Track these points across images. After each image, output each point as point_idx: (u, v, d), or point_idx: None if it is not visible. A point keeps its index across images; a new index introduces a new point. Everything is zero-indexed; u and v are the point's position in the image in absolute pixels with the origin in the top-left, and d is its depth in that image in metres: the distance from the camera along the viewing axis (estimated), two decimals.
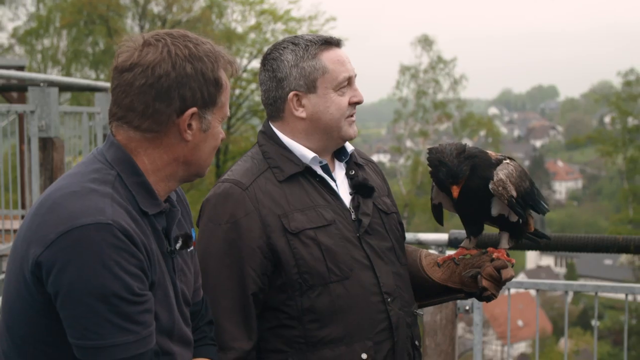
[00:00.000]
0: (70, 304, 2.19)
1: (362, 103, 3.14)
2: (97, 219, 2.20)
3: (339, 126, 3.07)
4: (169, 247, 2.49)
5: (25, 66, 17.20)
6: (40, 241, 2.21)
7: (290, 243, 2.92)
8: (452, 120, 49.07)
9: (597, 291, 5.34)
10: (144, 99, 2.37)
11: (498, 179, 3.02)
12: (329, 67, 3.05)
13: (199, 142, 2.47)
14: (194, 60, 2.41)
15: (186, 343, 2.56)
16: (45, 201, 2.29)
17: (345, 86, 3.07)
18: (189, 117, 2.41)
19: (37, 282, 2.23)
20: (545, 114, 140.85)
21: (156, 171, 2.45)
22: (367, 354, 2.96)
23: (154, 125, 2.40)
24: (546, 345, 36.66)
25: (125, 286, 2.21)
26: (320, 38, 3.09)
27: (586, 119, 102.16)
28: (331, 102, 3.05)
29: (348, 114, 3.09)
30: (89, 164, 2.42)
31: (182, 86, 2.39)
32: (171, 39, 2.42)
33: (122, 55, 2.42)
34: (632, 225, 41.50)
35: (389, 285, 3.06)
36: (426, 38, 49.30)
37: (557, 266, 66.93)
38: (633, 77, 46.22)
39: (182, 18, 31.93)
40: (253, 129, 32.46)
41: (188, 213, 2.72)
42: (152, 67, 2.37)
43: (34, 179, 7.67)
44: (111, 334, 2.20)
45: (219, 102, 2.49)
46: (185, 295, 2.59)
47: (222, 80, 2.48)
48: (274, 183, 3.01)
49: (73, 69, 34.10)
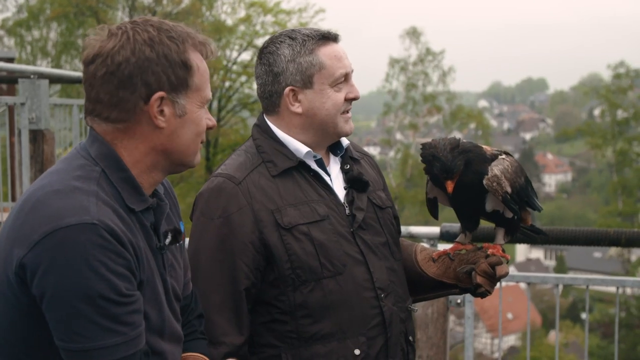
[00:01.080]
0: (56, 306, 2.15)
1: (358, 99, 3.13)
2: (82, 218, 2.16)
3: (335, 122, 3.07)
4: (159, 243, 2.46)
5: (15, 58, 17.13)
6: (24, 242, 2.17)
7: (282, 238, 2.92)
8: (441, 113, 49.08)
9: (588, 284, 5.35)
10: (107, 88, 2.32)
11: (493, 174, 3.00)
12: (325, 63, 3.03)
13: (175, 129, 2.40)
14: (154, 43, 2.34)
15: (177, 339, 2.53)
16: (28, 200, 2.25)
17: (341, 82, 3.06)
18: (158, 103, 2.35)
19: (21, 284, 2.18)
20: (535, 107, 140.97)
21: (136, 163, 2.39)
22: (359, 350, 2.96)
23: (122, 115, 2.34)
24: (535, 338, 36.76)
25: (112, 287, 2.17)
26: (318, 33, 3.07)
27: (575, 112, 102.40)
28: (327, 98, 3.04)
29: (344, 110, 3.08)
30: (72, 160, 2.37)
31: (143, 71, 2.32)
32: (132, 26, 2.37)
33: (87, 48, 2.37)
34: (621, 217, 41.63)
35: (383, 280, 3.06)
36: (414, 30, 49.27)
37: (546, 259, 67.13)
38: (623, 70, 46.31)
39: (172, 10, 31.83)
40: (243, 121, 32.43)
41: (176, 206, 2.69)
42: (111, 55, 2.31)
43: (24, 171, 7.64)
44: (98, 336, 2.17)
45: (192, 84, 2.41)
46: (176, 290, 2.56)
47: (191, 61, 2.40)
48: (268, 178, 3.00)
49: (63, 61, 33.96)
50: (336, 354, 2.93)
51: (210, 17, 32.81)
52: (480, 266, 3.08)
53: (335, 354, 2.93)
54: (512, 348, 41.98)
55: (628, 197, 42.93)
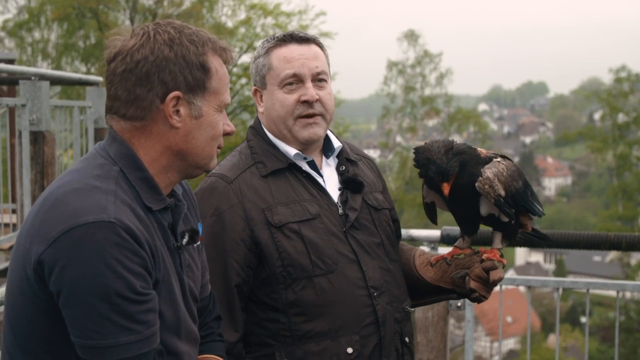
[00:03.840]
0: (72, 303, 2.17)
1: (312, 102, 3.07)
2: (100, 217, 2.19)
3: (288, 125, 3.08)
4: (176, 243, 2.47)
5: (16, 59, 17.12)
6: (43, 239, 2.19)
7: (273, 236, 2.95)
8: (440, 115, 49.08)
9: (588, 288, 5.35)
10: (125, 85, 2.36)
11: (485, 177, 2.98)
12: (273, 64, 3.07)
13: (191, 130, 2.43)
14: (173, 44, 2.38)
15: (193, 340, 2.55)
16: (48, 198, 2.28)
17: (291, 83, 3.06)
18: (174, 102, 2.38)
19: (39, 280, 2.21)
20: (535, 111, 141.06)
21: (152, 163, 2.42)
22: (352, 348, 2.97)
23: (138, 112, 2.37)
24: (535, 342, 36.78)
25: (128, 285, 2.19)
26: (283, 34, 3.11)
27: (576, 116, 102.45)
28: (276, 99, 3.08)
29: (298, 114, 3.07)
30: (91, 159, 2.40)
31: (161, 70, 2.36)
32: (154, 27, 2.41)
33: (109, 47, 2.41)
34: (621, 221, 41.56)
35: (376, 279, 3.06)
36: (412, 33, 49.24)
37: (546, 262, 67.12)
38: (624, 74, 46.28)
39: (173, 12, 31.85)
40: (243, 123, 32.40)
41: (194, 207, 2.71)
42: (130, 53, 2.36)
43: (25, 172, 7.64)
44: (113, 334, 2.19)
45: (210, 87, 2.44)
46: (193, 291, 2.57)
47: (210, 64, 2.43)
48: (259, 177, 3.03)
49: (63, 62, 33.97)
50: (329, 352, 2.94)
51: (210, 20, 32.83)
52: (474, 271, 3.08)
53: (329, 352, 2.94)
54: (511, 351, 41.96)
55: (628, 201, 42.85)
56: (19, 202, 7.77)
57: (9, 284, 2.35)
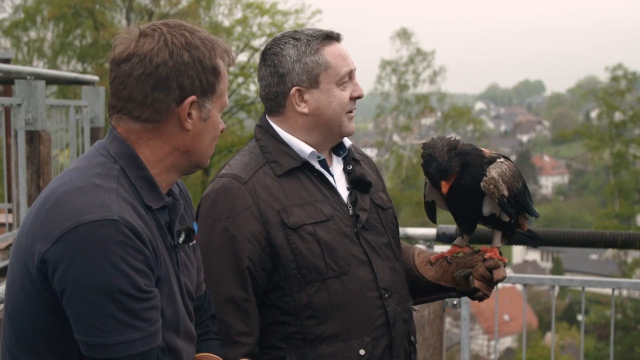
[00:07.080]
0: (77, 301, 2.18)
1: (362, 97, 3.15)
2: (103, 215, 2.19)
3: (340, 121, 3.08)
4: (173, 242, 2.48)
5: (12, 59, 17.10)
6: (46, 237, 2.20)
7: (289, 238, 2.92)
8: (435, 112, 49.17)
9: (584, 286, 5.35)
10: (142, 88, 2.36)
11: (490, 177, 3.00)
12: (331, 62, 3.04)
13: (199, 131, 2.46)
14: (191, 48, 2.39)
15: (190, 338, 2.55)
16: (50, 196, 2.28)
17: (346, 81, 3.08)
18: (189, 106, 2.40)
19: (42, 279, 2.22)
20: (532, 109, 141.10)
21: (158, 162, 2.43)
22: (364, 350, 2.96)
23: (154, 115, 2.39)
24: (532, 340, 36.81)
25: (132, 283, 2.20)
26: (321, 32, 3.08)
27: (572, 114, 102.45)
28: (334, 97, 3.05)
29: (349, 109, 3.10)
30: (91, 157, 2.41)
31: (180, 74, 2.37)
32: (167, 28, 2.41)
33: (118, 47, 2.41)
34: (618, 220, 41.65)
35: (386, 280, 3.07)
36: (405, 31, 49.30)
37: (543, 261, 67.21)
38: (621, 72, 46.38)
39: (170, 11, 31.85)
40: (240, 122, 32.44)
41: (190, 206, 2.71)
42: (149, 56, 2.36)
43: (21, 172, 7.62)
44: (117, 331, 2.19)
45: (218, 90, 2.48)
46: (189, 289, 2.58)
47: (220, 68, 2.47)
48: (273, 177, 3.01)
49: (59, 62, 33.95)
50: (341, 354, 2.93)
51: (207, 19, 32.83)
52: (478, 270, 3.09)
53: (341, 354, 2.93)
54: (508, 350, 41.99)
55: (625, 199, 42.96)
56: (14, 201, 7.75)
57: (10, 283, 2.35)
